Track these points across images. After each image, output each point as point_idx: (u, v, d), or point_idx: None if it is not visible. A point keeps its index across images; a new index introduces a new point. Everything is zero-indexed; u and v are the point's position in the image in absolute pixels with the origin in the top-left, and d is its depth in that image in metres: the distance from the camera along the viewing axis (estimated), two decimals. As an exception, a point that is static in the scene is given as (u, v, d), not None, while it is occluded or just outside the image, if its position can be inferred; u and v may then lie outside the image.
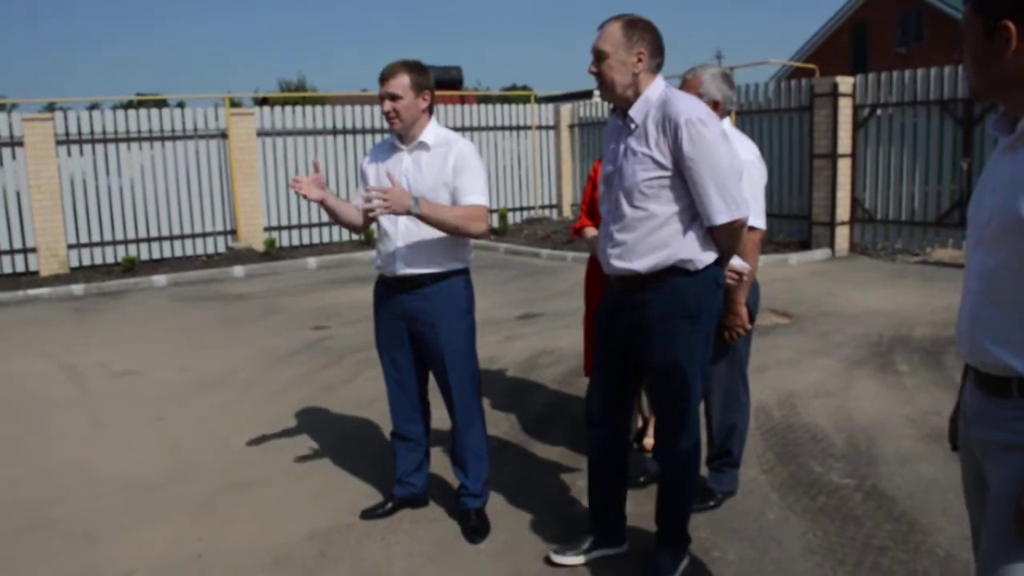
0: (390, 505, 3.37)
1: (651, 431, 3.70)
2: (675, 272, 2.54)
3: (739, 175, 2.57)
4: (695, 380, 2.63)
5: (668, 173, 2.47)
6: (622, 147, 2.56)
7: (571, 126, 13.87)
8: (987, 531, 1.58)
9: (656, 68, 2.55)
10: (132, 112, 10.77)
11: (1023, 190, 1.44)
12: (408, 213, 2.87)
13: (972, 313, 1.56)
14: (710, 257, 2.57)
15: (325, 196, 3.06)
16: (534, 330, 6.49)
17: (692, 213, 2.53)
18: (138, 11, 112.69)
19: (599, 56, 2.50)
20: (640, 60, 2.50)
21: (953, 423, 1.82)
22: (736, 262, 2.88)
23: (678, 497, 2.75)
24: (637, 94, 2.52)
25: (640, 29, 2.51)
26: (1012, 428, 1.51)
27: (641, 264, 2.54)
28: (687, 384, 2.61)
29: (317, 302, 8.14)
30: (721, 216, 2.48)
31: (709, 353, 2.69)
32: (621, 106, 2.57)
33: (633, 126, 2.53)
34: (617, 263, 2.58)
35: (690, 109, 2.45)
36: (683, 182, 2.48)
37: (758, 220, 3.06)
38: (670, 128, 2.44)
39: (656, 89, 2.52)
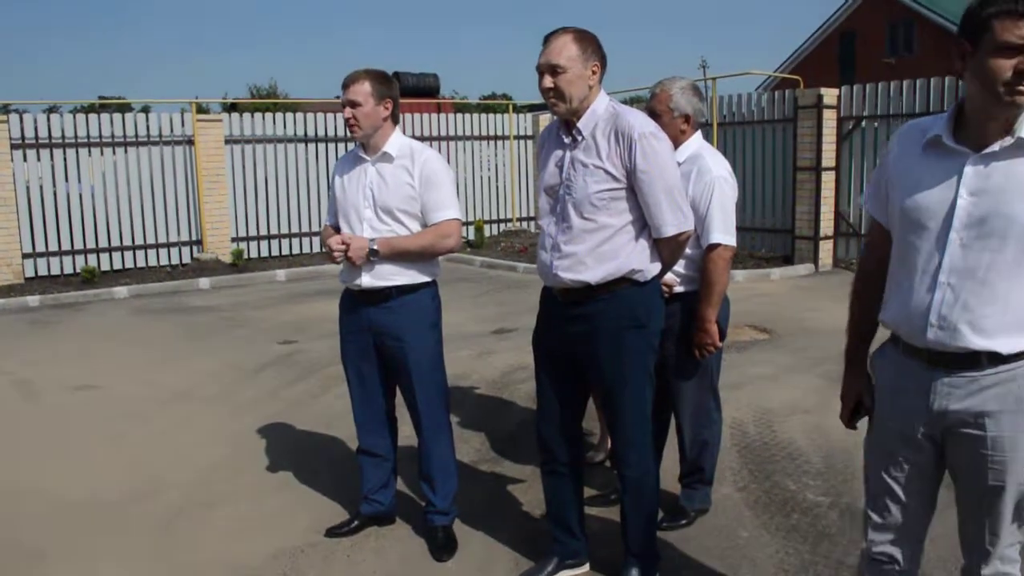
0: (356, 523, 3.31)
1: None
2: (624, 283, 2.57)
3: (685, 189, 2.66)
4: (645, 389, 2.66)
5: (621, 185, 2.51)
6: (567, 159, 2.58)
7: (549, 136, 13.85)
8: (984, 494, 1.83)
9: (602, 80, 2.58)
10: (93, 116, 10.49)
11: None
12: (369, 259, 2.96)
13: (950, 306, 1.76)
14: (656, 268, 2.64)
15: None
16: (508, 345, 6.42)
17: (641, 225, 2.58)
18: (101, 11, 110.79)
19: (555, 70, 2.48)
20: (595, 73, 2.53)
21: (857, 405, 2.05)
22: (666, 276, 2.90)
23: (641, 511, 2.75)
24: (586, 107, 2.54)
25: (591, 42, 2.54)
26: (988, 394, 1.76)
27: (592, 275, 2.54)
28: (638, 394, 2.64)
29: (286, 315, 8.00)
30: (671, 228, 2.55)
31: (653, 363, 2.70)
32: (570, 119, 2.57)
33: (580, 138, 2.55)
34: (566, 275, 2.58)
35: (643, 124, 2.52)
36: (633, 194, 2.53)
37: (728, 237, 3.05)
38: (624, 141, 2.48)
39: (602, 102, 2.57)
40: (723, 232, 3.04)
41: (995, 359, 1.74)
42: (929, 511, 2.00)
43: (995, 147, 1.70)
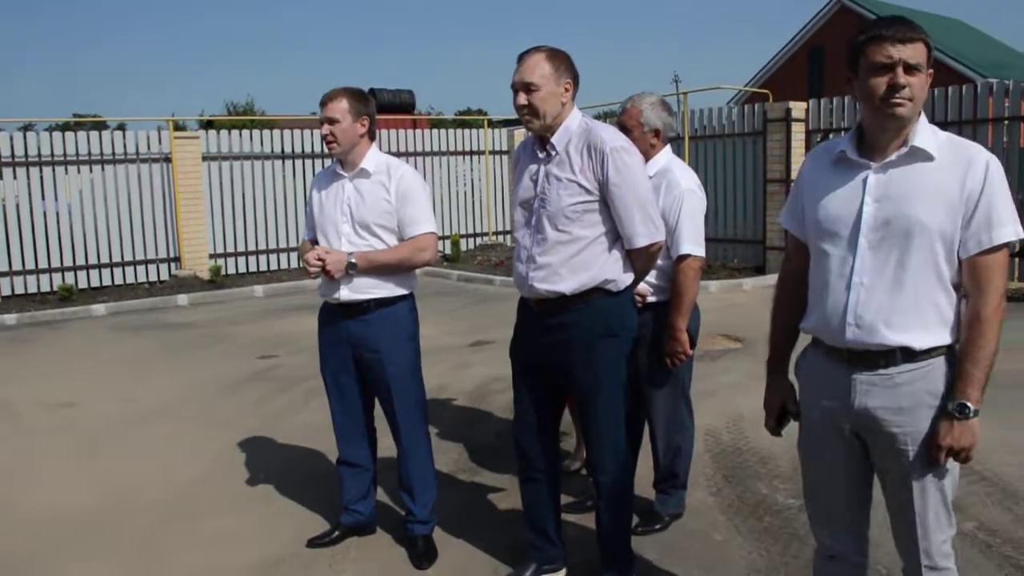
0: (337, 533, 3.34)
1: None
2: (598, 292, 2.64)
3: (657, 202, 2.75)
4: (619, 397, 2.72)
5: (594, 198, 2.58)
6: (542, 173, 2.66)
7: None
8: (910, 491, 1.90)
9: (574, 97, 2.67)
10: (70, 134, 10.46)
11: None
12: (347, 272, 3.01)
13: (864, 305, 1.87)
14: (629, 278, 2.71)
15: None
16: (485, 357, 6.48)
17: (614, 236, 2.65)
18: (77, 27, 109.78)
19: (529, 88, 2.57)
20: (567, 90, 2.61)
21: (783, 412, 2.16)
22: (640, 287, 2.98)
23: (616, 516, 2.80)
24: (560, 123, 2.62)
25: (563, 60, 2.62)
26: (902, 391, 1.85)
27: (566, 285, 2.61)
28: (612, 401, 2.70)
29: (264, 331, 8.00)
30: (643, 239, 2.63)
31: (626, 371, 2.76)
32: (543, 135, 2.65)
33: (554, 153, 2.63)
34: (541, 285, 2.65)
35: (614, 138, 2.60)
36: (606, 207, 2.60)
37: (698, 248, 3.14)
38: (596, 156, 2.56)
39: (575, 118, 2.65)
40: (693, 243, 3.13)
41: (909, 355, 1.85)
42: (866, 503, 2.09)
43: (893, 156, 1.86)
